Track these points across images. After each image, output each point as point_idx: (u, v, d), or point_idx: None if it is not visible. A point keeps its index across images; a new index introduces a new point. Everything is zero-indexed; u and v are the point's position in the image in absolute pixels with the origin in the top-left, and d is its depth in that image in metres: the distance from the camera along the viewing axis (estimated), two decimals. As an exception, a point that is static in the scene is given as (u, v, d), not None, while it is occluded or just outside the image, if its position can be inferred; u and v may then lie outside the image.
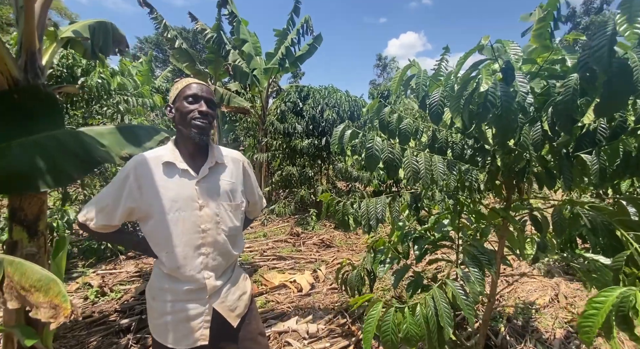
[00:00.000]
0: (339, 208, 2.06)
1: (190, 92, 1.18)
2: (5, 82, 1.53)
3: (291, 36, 6.04)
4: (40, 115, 1.61)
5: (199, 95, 1.18)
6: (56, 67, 3.47)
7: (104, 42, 2.42)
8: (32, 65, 1.61)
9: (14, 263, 1.24)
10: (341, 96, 5.81)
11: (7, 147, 1.47)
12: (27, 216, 1.60)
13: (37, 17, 1.62)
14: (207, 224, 1.19)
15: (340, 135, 1.86)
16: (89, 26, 2.34)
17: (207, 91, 1.22)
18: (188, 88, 1.19)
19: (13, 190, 1.53)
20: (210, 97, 1.22)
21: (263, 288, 3.23)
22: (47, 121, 1.63)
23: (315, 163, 6.35)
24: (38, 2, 1.63)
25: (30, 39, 1.57)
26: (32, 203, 1.62)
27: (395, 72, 8.56)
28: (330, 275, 3.67)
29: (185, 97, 1.18)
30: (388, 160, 1.72)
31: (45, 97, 1.64)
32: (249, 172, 1.39)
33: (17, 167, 1.46)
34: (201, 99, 1.19)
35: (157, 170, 1.15)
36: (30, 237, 1.60)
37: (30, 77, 1.61)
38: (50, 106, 1.65)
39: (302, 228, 5.32)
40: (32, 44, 1.59)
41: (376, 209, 1.95)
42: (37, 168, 1.50)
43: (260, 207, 1.52)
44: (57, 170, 1.55)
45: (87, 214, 1.15)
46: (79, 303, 2.78)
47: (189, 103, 1.17)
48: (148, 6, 6.26)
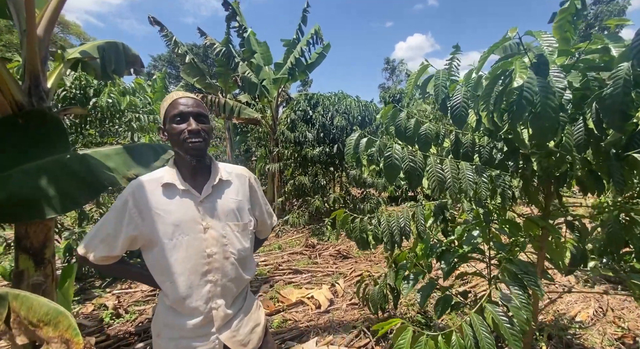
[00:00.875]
0: (355, 225, 1.91)
1: (176, 111, 1.08)
2: (8, 107, 1.50)
3: (300, 45, 6.02)
4: (45, 139, 1.57)
5: (185, 112, 1.08)
6: (69, 88, 3.53)
7: (117, 62, 2.40)
8: (36, 89, 1.57)
9: (19, 297, 1.18)
10: (351, 102, 5.70)
11: (10, 174, 1.43)
12: (33, 244, 1.55)
13: (40, 41, 1.59)
14: (213, 247, 1.09)
15: (355, 144, 1.73)
16: (98, 47, 2.33)
17: (194, 104, 1.11)
18: (172, 107, 1.09)
19: (18, 219, 1.48)
20: (198, 110, 1.11)
21: (280, 306, 3.09)
22: (52, 145, 1.58)
23: (328, 171, 6.23)
24: (41, 26, 1.61)
25: (33, 62, 1.54)
26: (37, 230, 1.56)
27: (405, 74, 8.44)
28: (349, 289, 3.50)
29: (171, 117, 1.09)
30: (409, 170, 1.57)
31: (50, 120, 1.60)
32: (256, 188, 1.28)
33: (21, 194, 1.41)
34: (189, 116, 1.08)
35: (157, 192, 1.07)
36: (36, 266, 1.54)
37: (35, 100, 1.57)
38: (55, 130, 1.61)
39: (318, 239, 5.18)
40: (36, 68, 1.55)
41: (399, 223, 1.79)
42: (42, 195, 1.45)
43: (270, 226, 1.40)
44: (63, 196, 1.50)
45: (87, 246, 1.07)
46: (93, 326, 2.73)
47: (177, 123, 1.08)
48: (158, 24, 6.40)
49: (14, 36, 15.07)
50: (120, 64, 2.45)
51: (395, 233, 1.81)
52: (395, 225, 1.82)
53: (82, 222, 3.76)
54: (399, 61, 35.93)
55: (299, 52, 5.93)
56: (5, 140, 1.50)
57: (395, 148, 1.61)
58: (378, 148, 1.70)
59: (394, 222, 1.84)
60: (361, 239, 1.93)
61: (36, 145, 1.54)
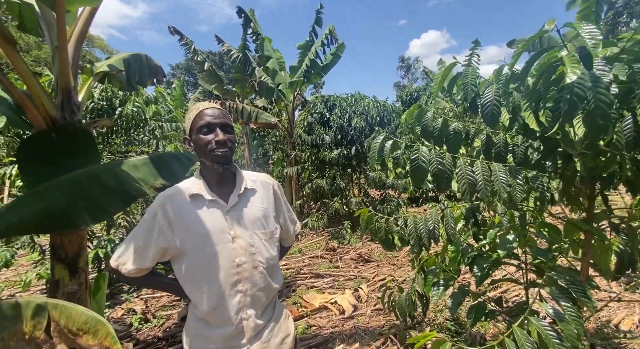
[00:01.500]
0: (380, 225, 1.86)
1: (203, 122, 1.09)
2: (43, 122, 1.56)
3: (315, 47, 6.02)
4: (76, 152, 1.63)
5: (212, 123, 1.09)
6: (97, 100, 3.67)
7: (140, 73, 2.47)
8: (68, 103, 1.63)
9: (58, 306, 1.21)
10: (369, 102, 5.63)
11: (46, 187, 1.48)
12: (68, 254, 1.60)
13: (71, 56, 1.65)
14: (242, 257, 1.09)
15: (379, 147, 1.68)
16: (124, 59, 2.41)
17: (220, 115, 1.12)
18: (199, 118, 1.11)
19: (53, 229, 1.53)
20: (225, 121, 1.12)
21: (303, 311, 3.07)
22: (83, 157, 1.63)
23: (345, 173, 6.18)
24: (71, 42, 1.67)
25: (65, 77, 1.59)
26: (72, 240, 1.61)
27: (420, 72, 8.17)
28: (372, 294, 3.43)
29: (198, 128, 1.10)
30: (437, 172, 1.51)
31: (81, 133, 1.66)
32: (280, 195, 1.28)
33: (56, 206, 1.46)
34: (215, 127, 1.10)
35: (185, 203, 1.08)
36: (71, 275, 1.59)
37: (67, 114, 1.63)
38: (86, 142, 1.66)
39: (338, 242, 5.13)
40: (67, 82, 1.61)
41: (427, 225, 1.73)
42: (75, 206, 1.49)
43: (294, 233, 1.39)
44: (95, 206, 1.53)
45: (119, 258, 1.09)
46: (123, 331, 2.81)
47: (204, 134, 1.09)
48: (178, 33, 6.60)
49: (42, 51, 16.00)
50: (144, 75, 2.52)
51: (423, 236, 1.74)
52: (423, 227, 1.76)
53: (110, 229, 3.90)
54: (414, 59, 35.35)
55: (313, 54, 5.93)
56: (42, 154, 1.56)
57: (422, 150, 1.55)
58: (404, 150, 1.65)
59: (422, 224, 1.77)
60: (386, 240, 1.87)
61: (69, 158, 1.59)
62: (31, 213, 1.39)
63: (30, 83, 1.47)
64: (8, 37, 1.36)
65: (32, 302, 1.22)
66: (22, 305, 1.21)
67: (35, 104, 1.52)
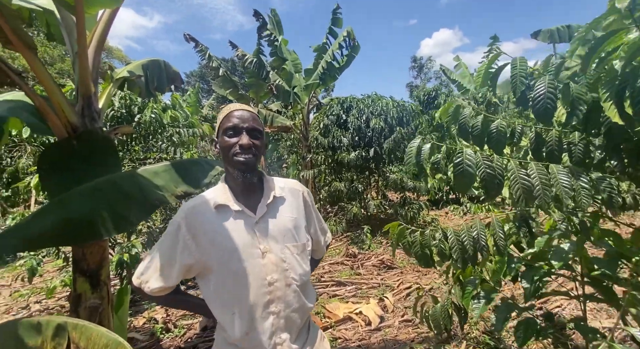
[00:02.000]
0: (414, 239, 1.70)
1: (230, 123, 1.01)
2: (64, 130, 1.51)
3: (332, 49, 5.92)
4: (97, 159, 1.57)
5: (239, 127, 1.00)
6: (117, 108, 3.69)
7: (158, 79, 2.43)
8: (88, 110, 1.58)
9: (79, 326, 1.13)
10: (387, 103, 5.47)
11: (67, 196, 1.42)
12: (90, 266, 1.53)
13: (91, 61, 1.60)
14: (274, 274, 0.98)
15: (416, 151, 1.54)
16: (142, 65, 2.37)
17: (250, 118, 1.03)
18: (227, 119, 1.02)
19: (76, 241, 1.46)
20: (253, 125, 1.02)
21: (327, 322, 2.93)
22: (104, 165, 1.58)
23: (363, 176, 6.02)
24: (91, 47, 1.62)
25: (85, 83, 1.54)
26: (93, 251, 1.55)
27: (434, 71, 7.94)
28: (399, 304, 3.26)
29: (224, 130, 1.02)
30: (487, 177, 1.35)
31: (102, 140, 1.60)
32: (310, 202, 1.17)
33: (78, 216, 1.39)
34: (242, 130, 1.01)
35: (210, 215, 0.99)
36: (92, 288, 1.52)
37: (88, 121, 1.58)
38: (106, 150, 1.61)
39: (358, 248, 4.97)
40: (88, 88, 1.56)
41: (471, 236, 1.56)
42: (96, 216, 1.43)
43: (325, 244, 1.27)
44: (116, 216, 1.47)
45: (142, 275, 1.00)
46: (145, 341, 2.75)
47: (229, 136, 1.00)
48: (193, 40, 6.67)
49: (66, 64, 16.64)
50: (162, 81, 2.47)
51: (468, 249, 1.58)
52: (467, 238, 1.59)
53: (131, 235, 3.89)
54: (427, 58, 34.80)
55: (330, 56, 5.84)
56: (63, 163, 1.50)
57: (466, 153, 1.40)
58: (444, 154, 1.51)
59: (465, 235, 1.60)
60: (423, 255, 1.71)
61: (90, 166, 1.54)
62: (52, 224, 1.33)
63: (50, 89, 1.42)
64: (28, 42, 1.31)
65: (53, 322, 1.14)
66: (43, 325, 1.14)
67: (56, 111, 1.47)
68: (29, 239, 1.29)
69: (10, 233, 1.28)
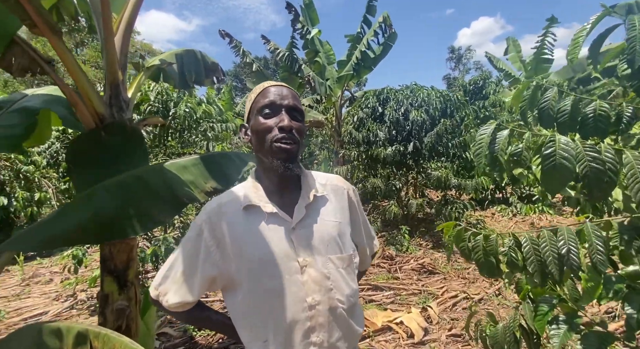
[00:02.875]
0: (477, 244, 1.40)
1: (266, 100, 0.81)
2: (92, 120, 1.42)
3: (367, 37, 5.59)
4: (125, 152, 1.47)
5: (277, 103, 0.81)
6: (153, 102, 3.72)
7: (196, 70, 2.32)
8: (116, 99, 1.48)
9: (101, 335, 1.02)
10: (429, 93, 5.04)
11: (93, 191, 1.33)
12: (117, 266, 1.44)
13: (119, 46, 1.50)
14: (316, 295, 0.78)
15: (488, 140, 1.25)
16: (176, 54, 2.28)
17: (290, 95, 0.83)
18: (263, 96, 0.83)
19: (102, 239, 1.38)
20: (294, 103, 0.83)
21: (364, 331, 2.70)
22: (131, 158, 1.47)
23: (400, 172, 5.65)
24: (118, 33, 1.52)
25: (112, 70, 1.44)
26: (121, 250, 1.46)
27: (473, 62, 7.15)
28: (444, 314, 2.93)
29: (260, 108, 0.82)
30: (590, 173, 1.04)
31: (130, 132, 1.50)
32: (356, 203, 0.96)
33: (104, 213, 1.30)
34: (281, 108, 0.81)
35: (238, 218, 0.81)
36: (120, 289, 1.43)
37: (115, 111, 1.48)
38: (134, 142, 1.50)
39: (395, 249, 4.66)
40: (115, 77, 1.46)
41: (556, 247, 1.24)
42: (122, 213, 1.32)
43: (372, 252, 1.06)
44: (142, 214, 1.35)
45: (160, 286, 0.85)
46: (179, 337, 2.72)
47: (265, 117, 0.81)
48: (228, 36, 6.70)
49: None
50: (200, 73, 2.36)
51: (550, 262, 1.25)
52: (549, 249, 1.26)
53: (168, 229, 3.94)
54: (465, 49, 32.68)
55: (365, 45, 5.52)
56: (90, 155, 1.42)
57: (560, 142, 1.09)
58: (528, 143, 1.21)
59: (546, 245, 1.28)
60: (486, 263, 1.39)
61: (117, 159, 1.44)
62: (77, 222, 1.24)
63: (77, 77, 1.34)
64: (53, 26, 1.22)
65: (73, 329, 1.04)
66: (64, 332, 1.03)
67: (83, 100, 1.38)
68: (53, 237, 1.20)
69: (34, 231, 1.21)
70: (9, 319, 3.47)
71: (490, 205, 6.92)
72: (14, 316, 3.54)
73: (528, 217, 5.92)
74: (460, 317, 2.86)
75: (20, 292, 4.25)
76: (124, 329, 1.47)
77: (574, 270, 1.21)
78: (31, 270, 5.10)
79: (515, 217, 6.08)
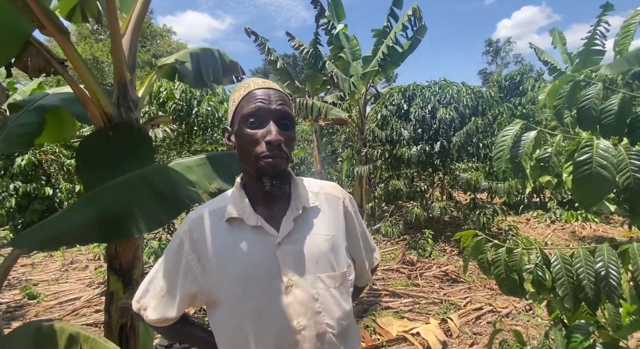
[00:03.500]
0: (497, 257, 1.24)
1: (252, 107, 0.71)
2: (100, 120, 1.44)
3: (395, 31, 5.35)
4: (131, 151, 1.48)
5: (264, 110, 0.71)
6: (177, 101, 3.82)
7: (214, 69, 2.32)
8: (124, 99, 1.49)
9: (89, 339, 1.03)
10: (458, 90, 4.72)
11: (99, 191, 1.35)
12: (122, 265, 1.46)
13: (127, 46, 1.51)
14: (302, 319, 0.71)
15: (511, 141, 1.10)
16: (191, 53, 2.28)
17: (277, 99, 0.73)
18: (247, 100, 0.73)
19: (107, 238, 1.40)
20: (283, 108, 0.73)
21: (378, 340, 2.59)
22: (138, 158, 1.48)
23: (426, 173, 5.38)
24: (128, 29, 1.52)
25: (120, 70, 1.45)
26: (126, 248, 1.47)
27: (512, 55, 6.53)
28: (466, 328, 2.73)
29: (244, 116, 0.72)
30: (634, 185, 0.88)
31: (137, 131, 1.51)
32: (353, 214, 0.86)
33: (109, 212, 1.31)
34: (269, 117, 0.71)
35: (220, 231, 0.75)
36: (125, 288, 1.45)
37: (123, 110, 1.49)
38: (141, 142, 1.51)
39: (417, 254, 4.45)
40: (123, 76, 1.47)
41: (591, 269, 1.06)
42: (126, 212, 1.33)
43: (371, 266, 0.95)
44: (146, 213, 1.35)
45: (141, 300, 0.80)
46: None
47: (251, 126, 0.71)
48: (254, 34, 6.77)
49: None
50: (217, 71, 2.35)
51: (585, 285, 1.07)
52: (584, 270, 1.08)
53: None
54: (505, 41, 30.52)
55: (392, 40, 5.28)
56: (98, 155, 1.44)
57: (598, 147, 0.93)
58: (558, 147, 1.05)
59: (581, 265, 1.09)
60: (508, 280, 1.22)
61: (123, 159, 1.45)
62: (83, 220, 1.26)
63: (84, 77, 1.36)
64: (60, 26, 1.23)
65: (66, 330, 1.05)
66: (57, 332, 1.05)
67: (92, 100, 1.40)
68: (58, 236, 1.23)
69: (40, 229, 1.24)
70: (47, 302, 3.76)
71: (526, 210, 6.40)
72: (52, 299, 3.84)
73: (568, 225, 5.39)
74: (484, 332, 2.64)
75: (59, 277, 4.61)
76: (128, 327, 1.49)
77: (612, 297, 1.02)
78: (71, 256, 5.53)
79: (554, 224, 5.57)
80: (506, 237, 4.51)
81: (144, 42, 22.69)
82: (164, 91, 4.36)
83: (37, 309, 3.56)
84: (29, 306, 3.64)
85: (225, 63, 2.45)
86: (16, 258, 1.35)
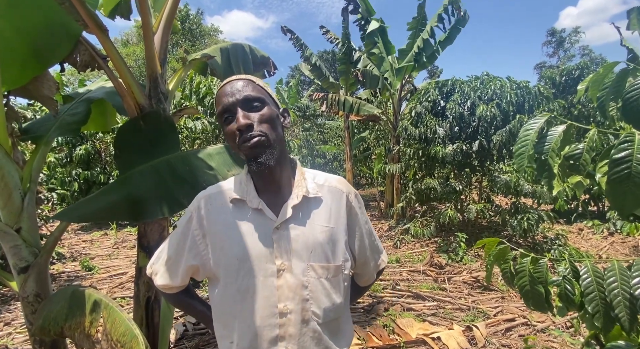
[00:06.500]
0: (522, 267, 1.13)
1: (221, 106, 0.77)
2: (134, 110, 1.58)
3: (430, 24, 5.10)
4: (159, 140, 1.60)
5: (229, 104, 0.75)
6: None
7: (244, 64, 2.41)
8: (155, 91, 1.61)
9: (109, 307, 1.15)
10: (502, 85, 4.36)
11: (130, 175, 1.48)
12: (150, 243, 1.59)
13: (159, 41, 1.63)
14: (289, 302, 0.74)
15: (535, 136, 1.02)
16: (221, 48, 2.39)
17: (241, 87, 0.77)
18: (217, 100, 0.80)
19: (132, 218, 1.53)
20: (246, 94, 0.76)
21: (395, 340, 2.52)
22: (165, 145, 1.60)
23: (462, 174, 5.07)
24: (159, 28, 1.64)
25: (152, 65, 1.57)
26: (153, 229, 1.60)
27: (579, 47, 5.86)
28: (494, 338, 2.54)
29: (220, 115, 0.79)
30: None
31: (164, 121, 1.62)
32: (357, 210, 0.86)
33: (137, 194, 1.43)
34: (235, 107, 0.75)
35: (225, 211, 0.79)
36: (150, 264, 1.58)
37: (154, 102, 1.62)
38: (168, 130, 1.62)
39: (447, 258, 4.23)
40: (154, 70, 1.58)
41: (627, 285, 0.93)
42: (151, 195, 1.45)
43: (376, 268, 0.93)
44: (170, 197, 1.46)
45: (153, 266, 0.89)
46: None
47: (226, 122, 0.78)
48: (290, 32, 6.91)
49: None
50: (248, 66, 2.43)
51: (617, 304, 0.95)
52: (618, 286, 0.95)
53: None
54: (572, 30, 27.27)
55: (428, 32, 5.03)
56: (131, 142, 1.58)
57: (639, 143, 0.82)
58: (591, 144, 0.95)
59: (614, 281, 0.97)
60: (533, 293, 1.12)
61: (153, 146, 1.57)
62: (115, 200, 1.40)
63: (121, 71, 1.49)
64: (99, 24, 1.36)
65: (92, 296, 1.18)
66: (86, 297, 1.18)
67: (128, 92, 1.54)
68: (95, 211, 1.38)
69: (81, 205, 1.40)
70: (100, 274, 4.24)
71: (579, 218, 5.75)
72: (104, 272, 4.31)
73: (631, 238, 4.74)
74: (514, 345, 2.44)
75: (111, 253, 5.16)
76: (152, 300, 1.63)
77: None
78: (122, 235, 6.16)
79: (612, 236, 4.93)
80: (551, 247, 4.10)
81: (194, 41, 24.13)
82: (203, 87, 4.62)
83: (91, 280, 4.02)
84: (85, 277, 4.13)
85: (257, 58, 2.52)
86: (63, 229, 1.54)
